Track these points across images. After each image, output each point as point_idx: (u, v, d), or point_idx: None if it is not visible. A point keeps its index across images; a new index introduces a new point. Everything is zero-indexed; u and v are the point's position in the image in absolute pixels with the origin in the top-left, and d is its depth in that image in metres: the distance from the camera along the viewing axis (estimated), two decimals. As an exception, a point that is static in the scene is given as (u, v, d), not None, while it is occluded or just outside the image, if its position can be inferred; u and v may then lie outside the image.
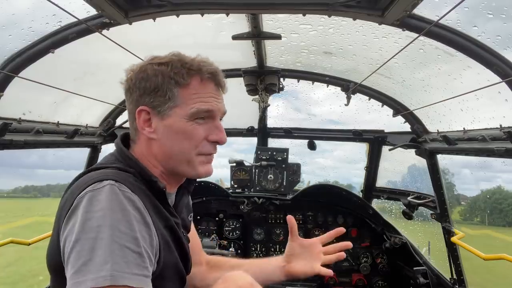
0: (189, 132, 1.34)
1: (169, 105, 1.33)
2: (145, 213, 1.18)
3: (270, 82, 3.40)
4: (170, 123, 1.34)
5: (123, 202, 1.13)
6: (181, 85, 1.33)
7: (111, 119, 3.42)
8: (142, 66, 1.37)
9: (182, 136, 1.34)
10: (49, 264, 1.26)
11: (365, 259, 3.94)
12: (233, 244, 4.05)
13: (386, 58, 2.50)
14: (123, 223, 1.09)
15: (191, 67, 1.34)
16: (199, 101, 1.34)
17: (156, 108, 1.34)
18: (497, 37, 1.90)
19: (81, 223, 1.08)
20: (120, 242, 1.05)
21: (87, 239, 1.05)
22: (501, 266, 4.85)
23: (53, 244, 1.21)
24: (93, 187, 1.15)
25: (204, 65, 1.36)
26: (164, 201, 1.36)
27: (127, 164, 1.33)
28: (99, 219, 1.07)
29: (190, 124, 1.34)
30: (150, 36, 2.49)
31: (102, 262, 1.02)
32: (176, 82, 1.32)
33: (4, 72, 2.01)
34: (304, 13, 1.97)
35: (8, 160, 2.88)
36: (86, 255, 1.03)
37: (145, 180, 1.31)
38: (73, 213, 1.12)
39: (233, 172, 4.12)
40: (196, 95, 1.34)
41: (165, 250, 1.27)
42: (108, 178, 1.18)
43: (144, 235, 1.14)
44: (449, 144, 2.69)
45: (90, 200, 1.12)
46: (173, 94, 1.32)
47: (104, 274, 1.00)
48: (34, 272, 15.94)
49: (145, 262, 1.10)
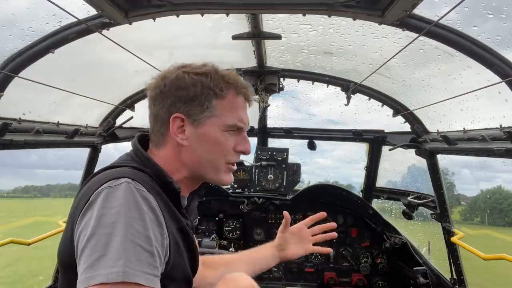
0: (222, 142, 1.42)
1: (205, 114, 1.39)
2: (159, 213, 1.20)
3: (270, 82, 3.41)
4: (204, 132, 1.40)
5: (138, 201, 1.14)
6: (218, 97, 1.40)
7: (111, 119, 3.42)
8: (178, 74, 1.40)
9: (214, 145, 1.41)
10: (60, 260, 1.28)
11: (365, 259, 3.94)
12: (233, 244, 4.05)
13: (386, 58, 2.50)
14: (138, 222, 1.10)
15: (229, 81, 1.42)
16: (235, 114, 1.43)
17: (191, 116, 1.38)
18: (497, 37, 1.90)
19: (96, 218, 1.09)
20: (133, 240, 1.07)
21: (102, 235, 1.06)
22: (501, 266, 4.86)
23: (66, 239, 1.23)
24: (110, 184, 1.17)
25: (239, 80, 1.46)
26: (178, 203, 1.38)
27: (143, 165, 1.35)
28: (114, 216, 1.09)
29: (223, 134, 1.41)
30: (150, 36, 2.49)
31: (115, 258, 1.03)
32: (215, 93, 1.39)
33: (4, 72, 2.01)
34: (304, 13, 1.97)
35: (8, 160, 2.90)
36: (100, 250, 1.04)
37: (160, 181, 1.32)
38: (89, 208, 1.14)
39: (233, 172, 4.11)
40: (232, 108, 1.42)
41: (175, 251, 1.28)
42: (125, 176, 1.20)
43: (156, 234, 1.15)
44: (449, 144, 2.69)
45: (107, 196, 1.13)
46: (210, 105, 1.39)
47: (116, 270, 1.01)
48: (34, 272, 15.95)
49: (156, 261, 1.12)
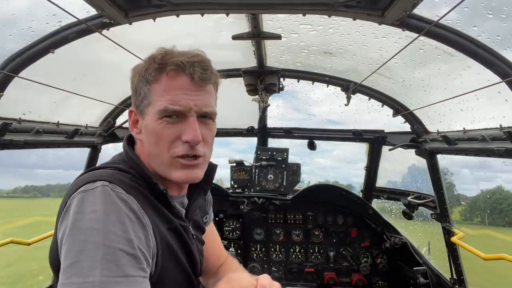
0: (158, 132, 1.24)
1: (144, 104, 1.27)
2: (140, 214, 1.15)
3: (270, 82, 3.40)
4: (146, 123, 1.28)
5: (116, 203, 1.10)
6: (149, 82, 1.26)
7: (111, 119, 3.42)
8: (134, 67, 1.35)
9: (153, 136, 1.26)
10: (50, 263, 1.25)
11: (365, 259, 3.94)
12: (233, 244, 4.05)
13: (386, 58, 2.50)
14: (116, 225, 1.05)
15: (160, 61, 1.24)
16: (167, 96, 1.23)
17: (138, 108, 1.31)
18: (497, 37, 1.90)
19: (71, 224, 1.05)
20: (112, 245, 1.01)
21: (76, 241, 1.02)
22: (501, 266, 4.85)
23: (53, 243, 1.20)
24: (86, 188, 1.13)
25: (173, 56, 1.24)
26: (166, 203, 1.33)
27: (130, 165, 1.31)
28: (89, 221, 1.04)
29: (159, 123, 1.24)
30: (150, 36, 2.49)
31: (89, 267, 0.97)
32: (146, 79, 1.26)
33: (4, 72, 2.01)
34: (304, 13, 1.97)
35: (8, 160, 2.90)
36: (73, 257, 0.99)
37: (146, 182, 1.28)
38: (65, 214, 1.11)
39: (233, 172, 4.12)
40: (164, 91, 1.24)
41: (165, 252, 1.24)
42: (102, 178, 1.15)
43: (140, 235, 1.11)
44: (449, 144, 2.69)
45: (81, 201, 1.09)
46: (145, 92, 1.27)
47: (92, 279, 0.95)
48: (34, 272, 15.95)
49: (142, 263, 1.07)
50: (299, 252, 4.08)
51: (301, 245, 4.08)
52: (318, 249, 4.06)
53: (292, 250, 4.08)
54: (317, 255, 4.04)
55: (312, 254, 4.06)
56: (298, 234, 4.07)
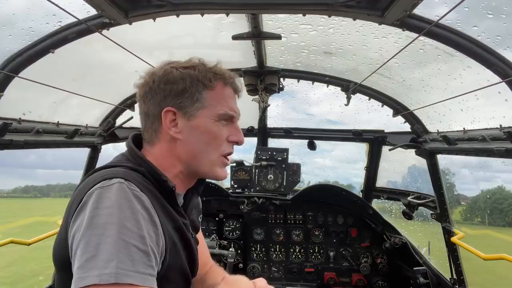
0: (216, 132, 1.41)
1: (196, 106, 1.38)
2: (153, 213, 1.19)
3: (270, 82, 3.40)
4: (197, 124, 1.39)
5: (131, 200, 1.14)
6: (208, 88, 1.40)
7: (111, 119, 3.42)
8: (165, 70, 1.40)
9: (208, 136, 1.40)
10: (55, 260, 1.27)
11: (365, 259, 3.95)
12: (233, 244, 4.06)
13: (386, 58, 2.50)
14: (131, 221, 1.09)
15: (216, 71, 1.42)
16: (225, 103, 1.42)
17: (182, 109, 1.38)
18: (497, 37, 1.90)
19: (88, 219, 1.09)
20: (127, 240, 1.06)
21: (94, 235, 1.05)
22: (501, 266, 4.85)
23: (60, 240, 1.22)
24: (102, 184, 1.16)
25: (226, 71, 1.46)
26: (173, 201, 1.37)
27: (138, 164, 1.34)
28: (106, 216, 1.08)
29: (216, 124, 1.40)
30: (150, 36, 2.49)
31: (107, 259, 1.02)
32: (204, 84, 1.39)
33: (4, 72, 2.01)
34: (304, 13, 1.97)
35: (8, 160, 2.90)
36: (92, 251, 1.03)
37: (155, 180, 1.32)
38: (81, 210, 1.14)
39: (233, 172, 4.12)
40: (222, 98, 1.42)
41: (172, 251, 1.27)
42: (118, 176, 1.19)
43: (151, 234, 1.14)
44: (449, 144, 2.69)
45: (99, 197, 1.13)
46: (201, 96, 1.39)
47: (108, 271, 1.00)
48: (34, 272, 15.97)
49: (152, 261, 1.11)
50: (299, 252, 4.08)
51: (301, 245, 4.08)
52: (318, 249, 4.06)
53: (292, 250, 4.09)
54: (317, 255, 4.04)
55: (312, 254, 4.06)
56: (298, 234, 4.07)
